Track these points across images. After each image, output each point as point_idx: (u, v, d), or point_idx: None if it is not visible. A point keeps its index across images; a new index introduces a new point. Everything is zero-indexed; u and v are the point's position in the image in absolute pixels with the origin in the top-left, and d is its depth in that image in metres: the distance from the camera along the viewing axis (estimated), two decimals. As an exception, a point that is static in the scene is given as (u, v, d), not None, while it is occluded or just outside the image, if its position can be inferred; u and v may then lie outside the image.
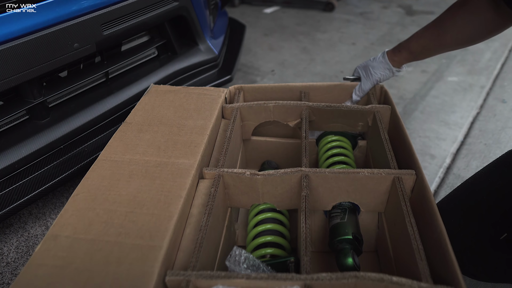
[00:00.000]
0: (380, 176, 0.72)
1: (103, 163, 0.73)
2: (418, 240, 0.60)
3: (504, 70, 1.98)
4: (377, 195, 0.75)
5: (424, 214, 0.65)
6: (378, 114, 0.90)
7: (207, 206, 0.67)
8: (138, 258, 0.55)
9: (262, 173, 0.74)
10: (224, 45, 1.50)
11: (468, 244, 0.76)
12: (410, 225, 0.62)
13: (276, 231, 0.79)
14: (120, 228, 0.60)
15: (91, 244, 0.57)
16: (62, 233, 0.59)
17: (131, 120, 0.85)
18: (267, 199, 0.78)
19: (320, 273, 0.53)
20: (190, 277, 0.54)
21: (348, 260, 0.72)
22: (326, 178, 0.73)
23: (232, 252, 0.63)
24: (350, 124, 0.97)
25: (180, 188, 0.67)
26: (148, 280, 0.51)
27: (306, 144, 0.83)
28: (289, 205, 0.79)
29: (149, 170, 0.71)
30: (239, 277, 0.53)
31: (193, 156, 0.74)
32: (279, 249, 0.75)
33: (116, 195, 0.66)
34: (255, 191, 0.77)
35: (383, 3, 2.98)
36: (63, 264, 0.55)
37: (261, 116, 0.97)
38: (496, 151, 1.38)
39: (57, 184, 0.97)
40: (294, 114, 0.96)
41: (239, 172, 0.74)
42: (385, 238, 0.78)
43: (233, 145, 0.88)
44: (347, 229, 0.78)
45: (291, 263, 0.69)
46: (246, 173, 0.74)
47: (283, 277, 0.53)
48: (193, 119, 0.85)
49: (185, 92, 0.95)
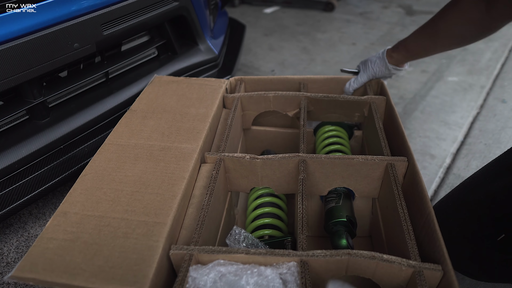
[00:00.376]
0: (373, 162, 0.74)
1: (109, 146, 0.77)
2: (408, 221, 0.62)
3: (504, 70, 1.98)
4: (370, 181, 0.78)
5: (415, 199, 0.67)
6: (374, 105, 0.93)
7: (209, 187, 0.70)
8: (144, 233, 0.58)
9: (261, 157, 0.77)
10: (224, 45, 1.50)
11: (467, 244, 0.76)
12: (401, 207, 0.65)
13: (274, 214, 0.82)
14: (126, 206, 0.63)
15: (99, 220, 0.61)
16: (71, 210, 0.63)
17: (135, 108, 0.89)
18: (266, 182, 0.81)
19: (315, 250, 0.56)
20: (193, 251, 0.57)
21: (342, 241, 0.75)
22: (322, 163, 0.76)
23: (232, 231, 0.67)
24: (347, 115, 0.99)
25: (183, 170, 0.70)
26: (153, 253, 0.55)
27: (304, 132, 0.86)
28: (287, 189, 0.82)
29: (153, 153, 0.74)
30: (239, 252, 0.56)
31: (195, 141, 0.78)
32: (277, 231, 0.78)
33: (122, 176, 0.69)
34: (254, 174, 0.80)
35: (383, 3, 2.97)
36: (72, 238, 0.58)
37: (261, 106, 1.00)
38: (496, 151, 1.38)
39: (57, 184, 0.97)
40: (293, 104, 0.99)
41: (239, 156, 0.77)
42: (378, 223, 0.81)
43: (233, 133, 0.91)
44: (341, 212, 0.80)
45: (288, 242, 0.72)
46: (246, 157, 0.77)
47: (280, 253, 0.56)
48: (195, 107, 0.88)
49: (187, 83, 0.98)
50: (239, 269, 0.54)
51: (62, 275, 0.53)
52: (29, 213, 1.15)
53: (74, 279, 0.52)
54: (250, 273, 0.53)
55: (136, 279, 0.51)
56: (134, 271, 0.52)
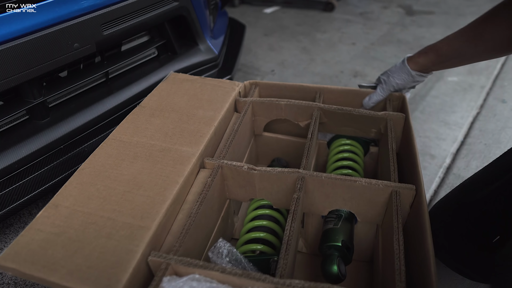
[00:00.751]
0: (377, 187, 0.70)
1: (112, 142, 0.77)
2: (401, 260, 0.57)
3: (504, 70, 1.98)
4: (373, 206, 0.74)
5: (417, 233, 0.64)
6: (390, 122, 0.87)
7: (201, 194, 0.69)
8: (126, 236, 0.57)
9: (259, 168, 0.74)
10: (224, 45, 1.50)
11: (464, 245, 0.76)
12: (397, 243, 0.60)
13: (269, 228, 0.80)
14: (115, 205, 0.63)
15: (86, 217, 0.61)
16: (63, 203, 0.63)
17: (145, 104, 0.89)
18: (263, 195, 0.79)
19: (293, 279, 0.53)
20: (170, 261, 0.55)
21: (333, 267, 0.71)
22: (322, 182, 0.73)
23: (216, 243, 0.65)
24: (362, 130, 0.95)
25: (178, 175, 0.69)
26: (131, 258, 0.54)
27: (309, 146, 0.82)
28: (285, 204, 0.79)
29: (152, 154, 0.74)
30: (215, 269, 0.54)
31: (196, 145, 0.76)
32: (269, 247, 0.76)
33: (118, 174, 0.69)
34: (251, 185, 0.78)
35: (383, 3, 2.97)
36: (58, 232, 0.58)
37: (272, 113, 0.98)
38: (496, 151, 1.38)
39: (57, 184, 0.97)
40: (305, 114, 0.95)
41: (237, 165, 0.75)
42: (378, 250, 0.77)
43: (240, 138, 0.89)
44: (338, 236, 0.76)
45: (274, 261, 0.69)
46: (244, 167, 0.75)
47: (256, 277, 0.53)
48: (204, 109, 0.87)
49: (201, 82, 0.97)
50: (211, 287, 0.51)
51: (40, 269, 0.53)
52: (29, 213, 1.15)
53: (51, 275, 0.52)
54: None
55: (109, 282, 0.51)
56: (109, 274, 0.52)
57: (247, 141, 0.99)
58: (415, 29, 2.46)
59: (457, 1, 2.88)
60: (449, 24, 2.54)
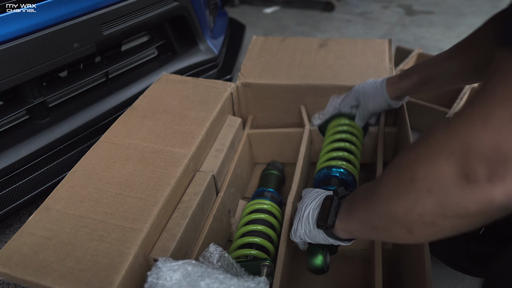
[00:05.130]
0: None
1: (103, 144, 0.77)
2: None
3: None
4: None
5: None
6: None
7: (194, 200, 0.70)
8: (118, 238, 0.58)
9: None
10: (224, 45, 1.50)
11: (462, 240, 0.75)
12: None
13: (263, 233, 0.79)
14: (107, 208, 0.63)
15: (78, 220, 0.61)
16: (55, 207, 0.63)
17: (137, 106, 0.88)
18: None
19: None
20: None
21: (317, 259, 0.67)
22: None
23: (208, 248, 0.64)
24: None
25: (170, 176, 0.69)
26: (123, 260, 0.54)
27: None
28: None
29: (144, 155, 0.73)
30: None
31: (188, 146, 0.76)
32: (263, 252, 0.75)
33: (110, 176, 0.69)
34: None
35: (383, 3, 2.98)
36: (50, 235, 0.58)
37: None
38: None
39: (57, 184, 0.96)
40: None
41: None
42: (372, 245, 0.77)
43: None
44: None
45: (263, 266, 0.67)
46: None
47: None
48: (196, 110, 0.87)
49: (193, 83, 0.97)
50: (206, 272, 0.51)
51: (32, 273, 0.53)
52: (29, 213, 1.15)
53: (43, 279, 0.52)
54: (214, 278, 0.50)
55: (102, 285, 0.51)
56: (101, 277, 0.52)
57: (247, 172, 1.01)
58: (415, 29, 2.46)
59: (457, 1, 2.88)
60: (449, 24, 2.54)
